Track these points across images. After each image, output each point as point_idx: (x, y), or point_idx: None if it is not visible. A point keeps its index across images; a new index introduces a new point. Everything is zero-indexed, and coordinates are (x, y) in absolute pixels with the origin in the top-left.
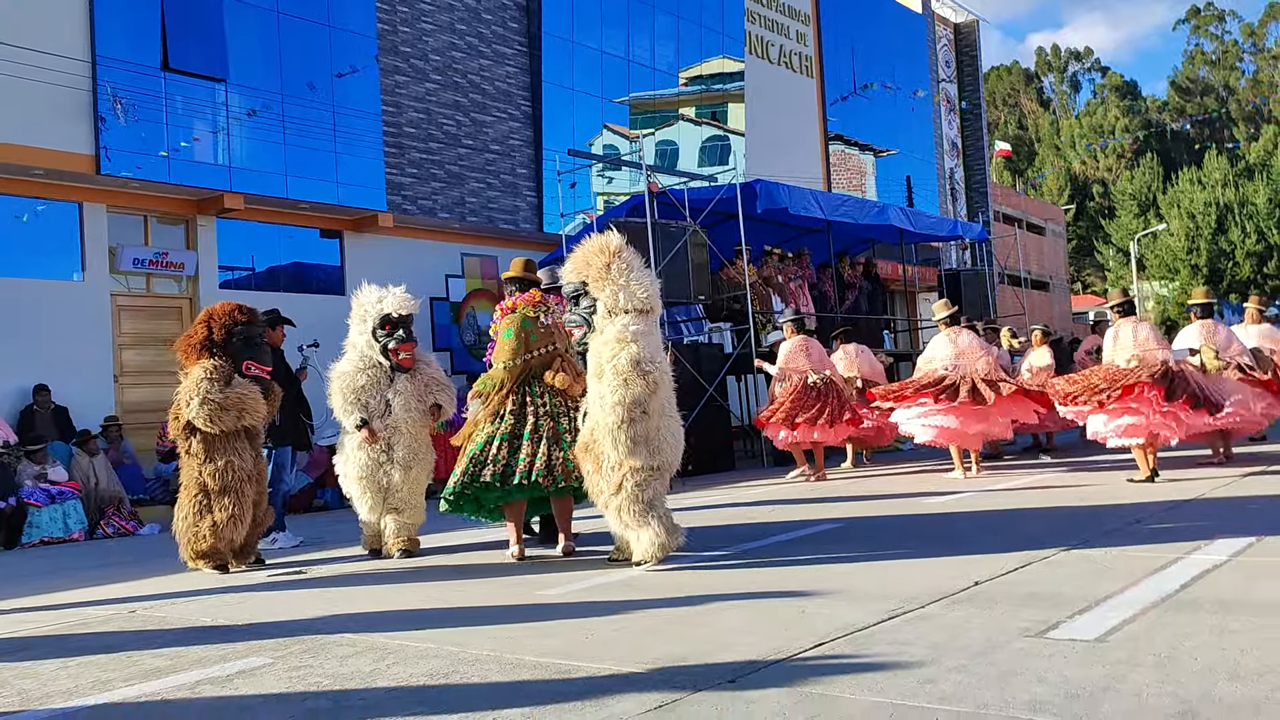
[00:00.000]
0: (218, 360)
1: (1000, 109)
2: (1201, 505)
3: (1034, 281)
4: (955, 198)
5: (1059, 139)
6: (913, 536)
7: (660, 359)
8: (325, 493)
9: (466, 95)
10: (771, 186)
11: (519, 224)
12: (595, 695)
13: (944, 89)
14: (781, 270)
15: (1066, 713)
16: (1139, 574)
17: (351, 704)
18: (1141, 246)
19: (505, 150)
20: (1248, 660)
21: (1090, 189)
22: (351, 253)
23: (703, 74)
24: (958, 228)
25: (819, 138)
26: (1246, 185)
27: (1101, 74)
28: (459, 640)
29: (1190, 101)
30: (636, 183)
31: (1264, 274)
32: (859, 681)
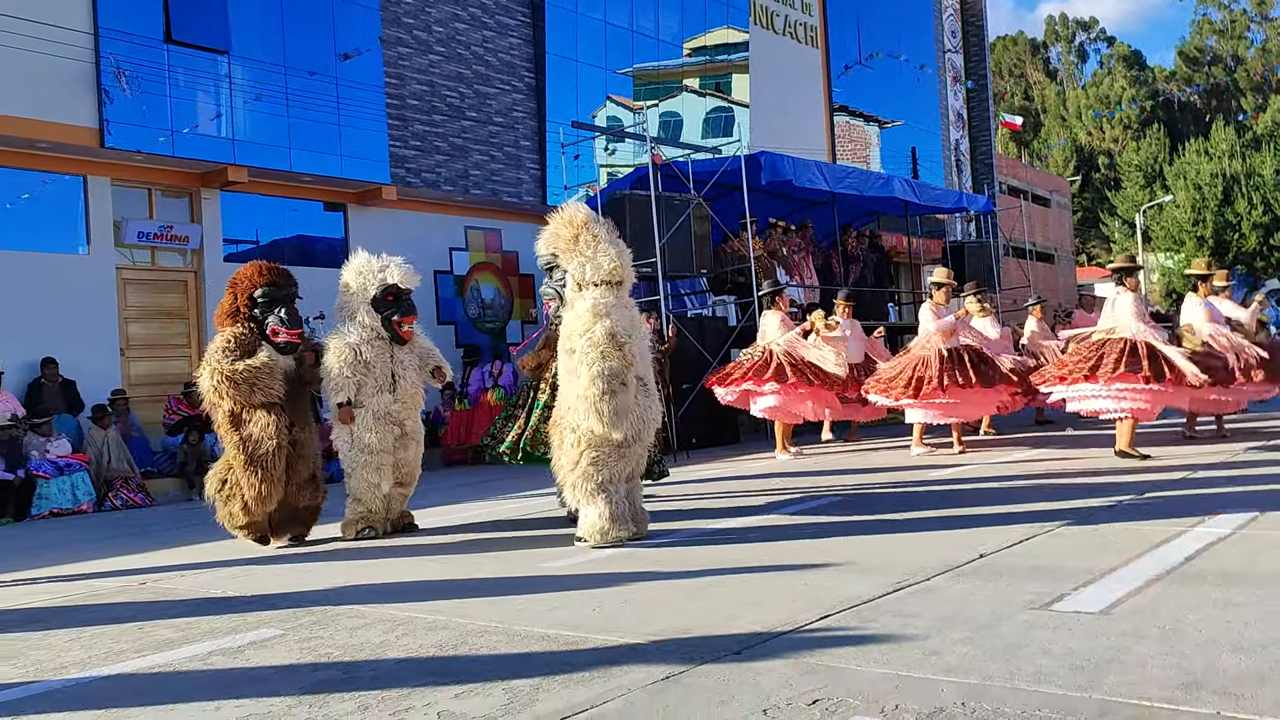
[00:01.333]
0: (241, 328)
1: (1006, 80)
2: (1204, 480)
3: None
4: (960, 169)
5: (1065, 110)
6: (916, 509)
7: (635, 332)
8: (330, 465)
9: (470, 67)
10: (776, 158)
11: (522, 196)
12: (603, 666)
13: (950, 59)
14: (786, 243)
15: (1071, 684)
16: (1143, 547)
17: (361, 675)
18: (1147, 218)
19: (509, 122)
20: (1251, 632)
21: (1096, 160)
22: (355, 225)
23: (707, 44)
24: (963, 200)
25: (824, 109)
26: (1254, 156)
27: (1108, 44)
28: (467, 612)
29: (1198, 71)
30: (640, 155)
31: (1270, 245)
32: (865, 653)
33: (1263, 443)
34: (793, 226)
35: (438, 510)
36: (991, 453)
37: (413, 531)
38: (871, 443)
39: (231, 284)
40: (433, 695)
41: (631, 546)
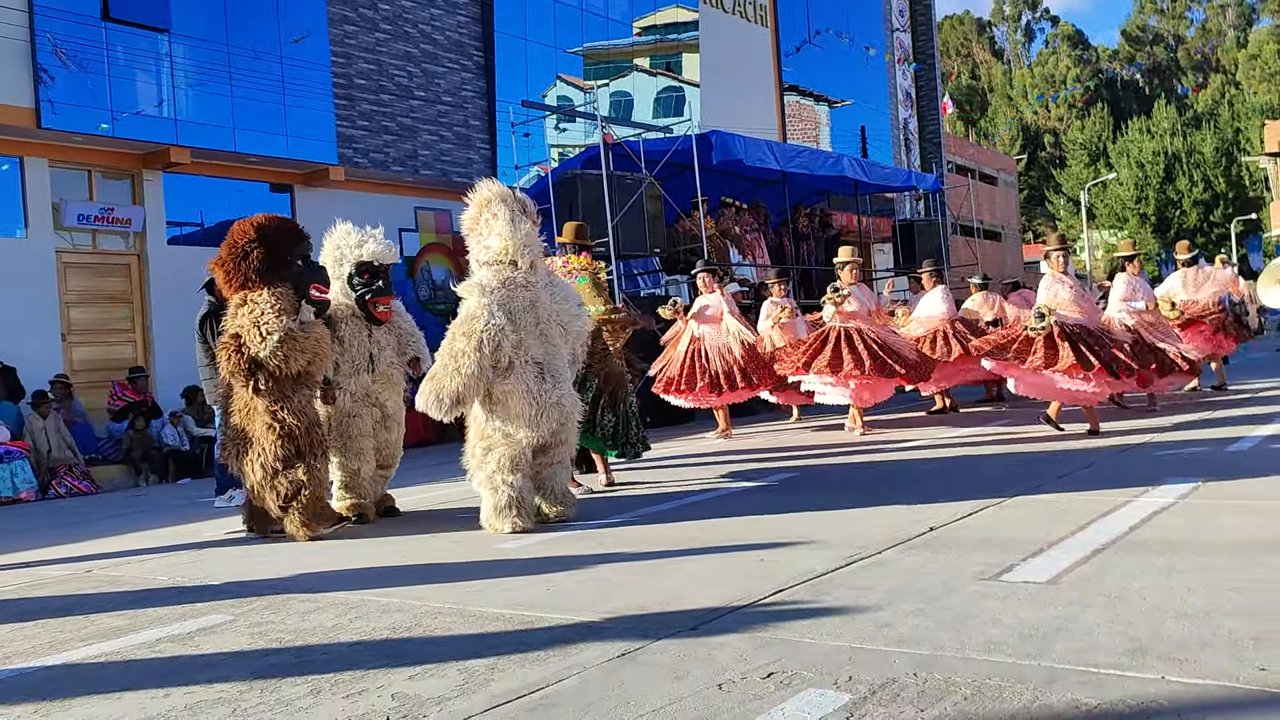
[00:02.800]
0: (281, 288)
1: (954, 59)
2: (1149, 450)
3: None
4: (909, 148)
5: (1011, 89)
6: (868, 485)
7: (528, 314)
8: None
9: (418, 46)
10: (727, 138)
11: (472, 176)
12: (559, 645)
13: (898, 38)
14: (738, 222)
15: (1020, 653)
16: (1089, 517)
17: (314, 658)
18: (1092, 196)
19: (458, 102)
20: (1194, 599)
21: (1042, 139)
22: (303, 207)
23: (657, 23)
24: (912, 178)
25: (774, 88)
26: (1194, 134)
27: (1053, 24)
28: (421, 594)
29: (1140, 50)
30: (591, 134)
31: (1210, 222)
32: (818, 626)
33: (1192, 415)
34: (745, 206)
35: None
36: (942, 429)
37: (394, 515)
38: (822, 420)
39: (261, 236)
40: (387, 677)
41: (583, 528)
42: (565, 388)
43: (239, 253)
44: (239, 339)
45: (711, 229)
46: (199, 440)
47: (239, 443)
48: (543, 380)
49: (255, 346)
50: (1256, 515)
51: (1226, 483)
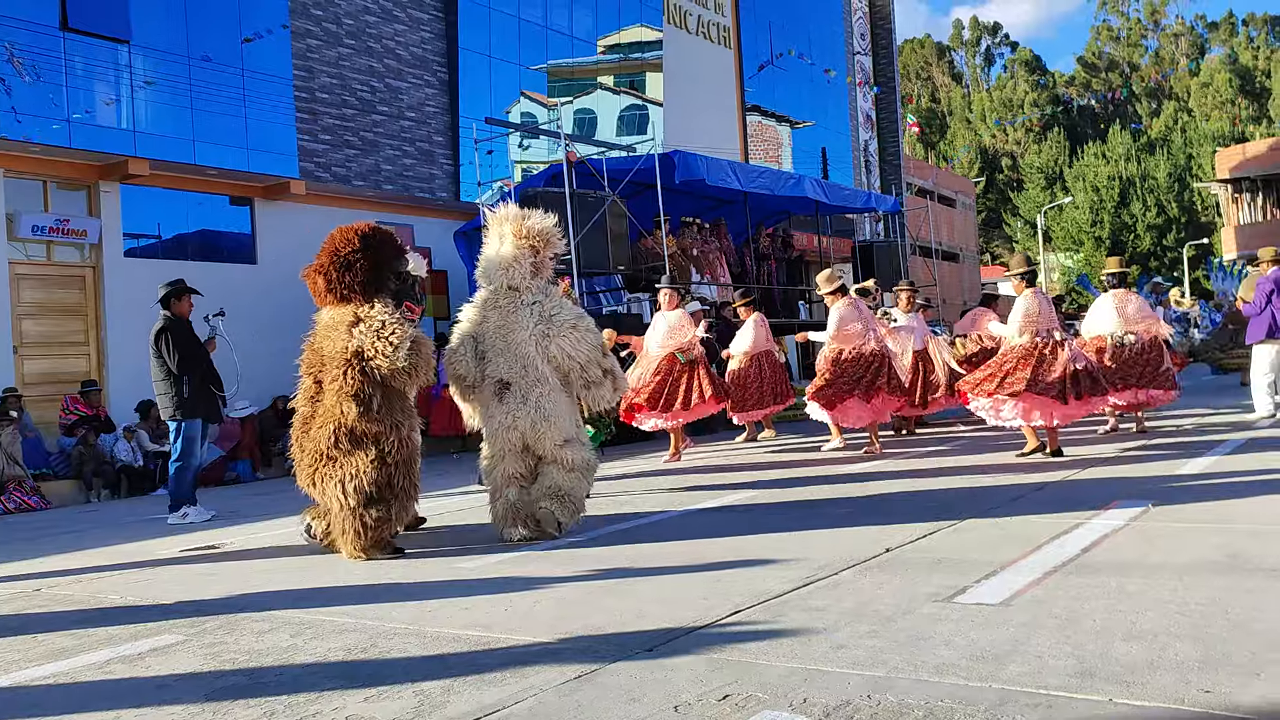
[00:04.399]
0: (386, 301)
1: (914, 82)
2: (1101, 473)
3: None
4: (869, 170)
5: (970, 113)
6: (825, 506)
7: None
8: (238, 465)
9: (381, 61)
10: (689, 157)
11: (435, 192)
12: (515, 666)
13: (859, 61)
14: (699, 241)
15: (972, 675)
16: (1042, 539)
17: (267, 680)
18: (1048, 219)
19: (421, 117)
20: (1143, 621)
21: (1000, 162)
22: (263, 221)
23: (621, 42)
24: (871, 200)
25: (737, 109)
26: (1148, 160)
27: (1012, 49)
28: (378, 614)
29: (1096, 77)
30: (554, 151)
31: (1164, 246)
32: (774, 647)
33: (1143, 441)
34: (706, 225)
35: None
36: (901, 451)
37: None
38: (782, 440)
39: (367, 247)
40: (341, 699)
41: (544, 548)
42: (528, 407)
43: (343, 262)
44: (361, 355)
45: (673, 247)
46: (153, 455)
47: (321, 462)
48: (502, 401)
49: (386, 359)
50: (1205, 538)
51: (1176, 506)
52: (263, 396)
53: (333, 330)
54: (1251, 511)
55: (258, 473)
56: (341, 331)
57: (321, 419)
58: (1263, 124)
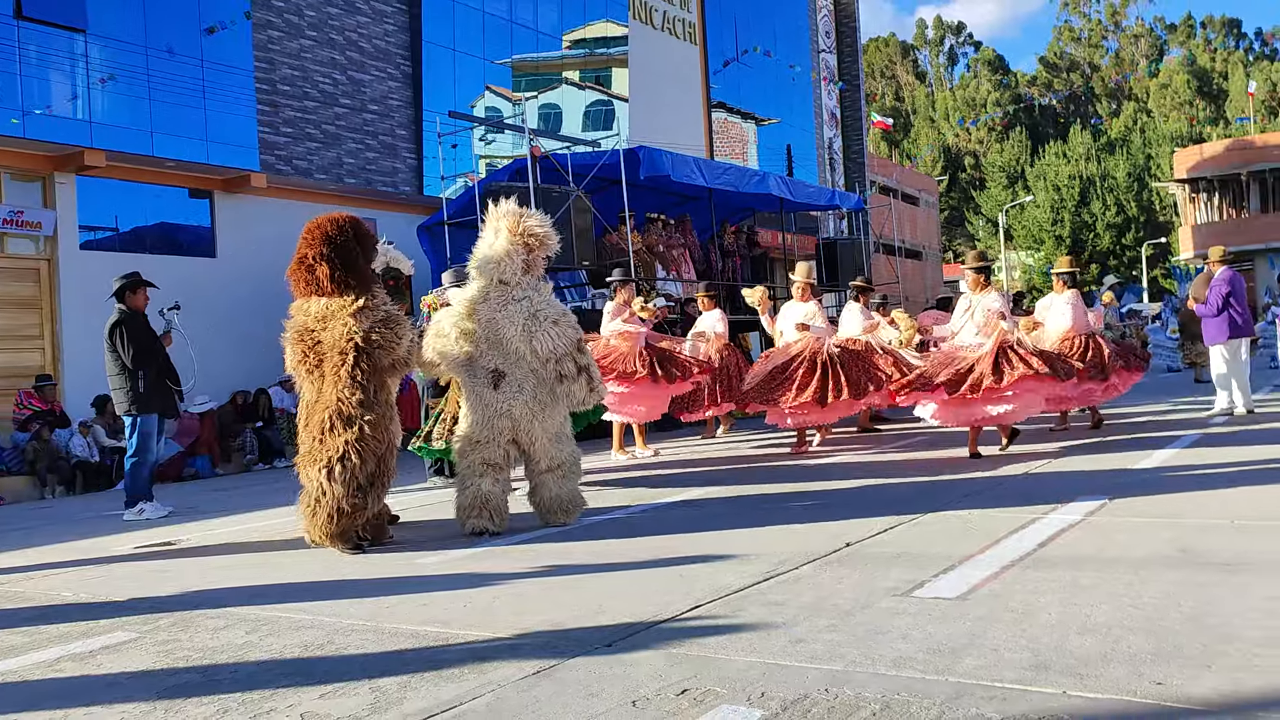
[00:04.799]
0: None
1: (878, 80)
2: (1059, 468)
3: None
4: (834, 167)
5: (934, 111)
6: (786, 501)
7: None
8: (196, 461)
9: (343, 53)
10: (654, 153)
11: (398, 186)
12: (473, 662)
13: (824, 59)
14: (664, 238)
15: (929, 668)
16: (999, 534)
17: (222, 677)
18: (1009, 217)
19: (384, 110)
20: (1097, 614)
21: (963, 161)
22: (222, 214)
23: (586, 37)
24: (835, 197)
25: (702, 105)
26: (1108, 159)
27: (975, 48)
28: (335, 611)
29: (1058, 77)
30: (519, 146)
31: (1122, 245)
32: (733, 642)
33: (1099, 438)
34: (671, 221)
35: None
36: (858, 448)
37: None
38: (741, 436)
39: (361, 238)
40: (296, 696)
41: (505, 543)
42: (524, 397)
43: (343, 252)
44: (368, 342)
45: (638, 244)
46: (109, 451)
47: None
48: (497, 389)
49: (392, 349)
50: (1159, 532)
51: (1132, 500)
52: (222, 391)
53: (330, 320)
54: (1205, 506)
55: (217, 468)
56: (342, 319)
57: (320, 406)
58: (1219, 125)
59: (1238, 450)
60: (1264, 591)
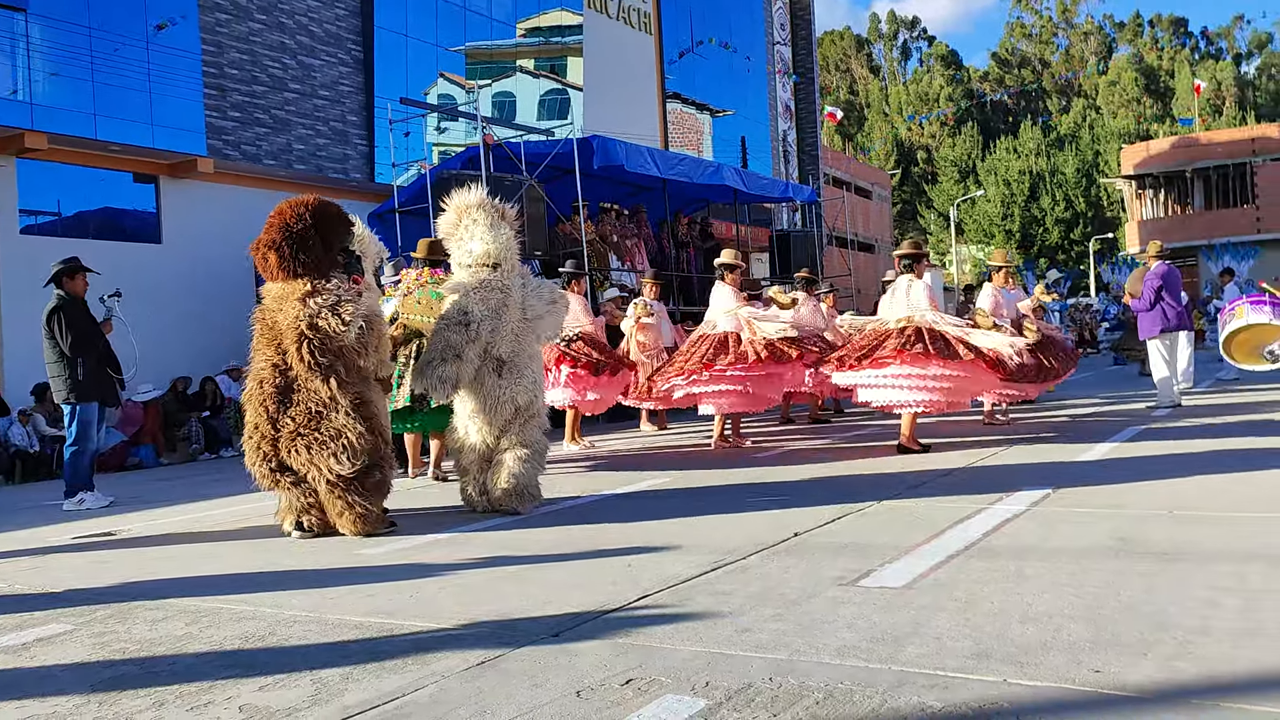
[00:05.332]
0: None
1: (833, 74)
2: (1004, 459)
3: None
4: (788, 160)
5: (887, 105)
6: (735, 491)
7: (499, 314)
8: (140, 450)
9: (293, 37)
10: (609, 143)
11: (349, 173)
12: (418, 653)
13: (779, 51)
14: (618, 228)
15: (873, 657)
16: (945, 523)
17: (160, 670)
18: (961, 211)
19: (335, 96)
20: (1039, 603)
21: (915, 155)
22: (168, 199)
23: (541, 26)
24: (789, 189)
25: (657, 96)
26: (1057, 155)
27: (929, 43)
28: (278, 602)
29: (1009, 73)
30: (472, 134)
31: (1071, 240)
32: (679, 632)
33: (1055, 431)
34: (625, 211)
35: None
36: (809, 438)
37: None
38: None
39: (323, 221)
40: (235, 688)
41: (452, 532)
42: (524, 383)
43: (296, 238)
44: (314, 328)
45: (592, 233)
46: (49, 440)
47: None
48: (499, 376)
49: (337, 335)
50: (1101, 522)
51: (1075, 491)
52: (167, 380)
53: (283, 302)
54: (1145, 498)
55: (161, 458)
56: (293, 303)
57: (302, 392)
58: (1166, 123)
59: (1177, 443)
60: (1200, 581)
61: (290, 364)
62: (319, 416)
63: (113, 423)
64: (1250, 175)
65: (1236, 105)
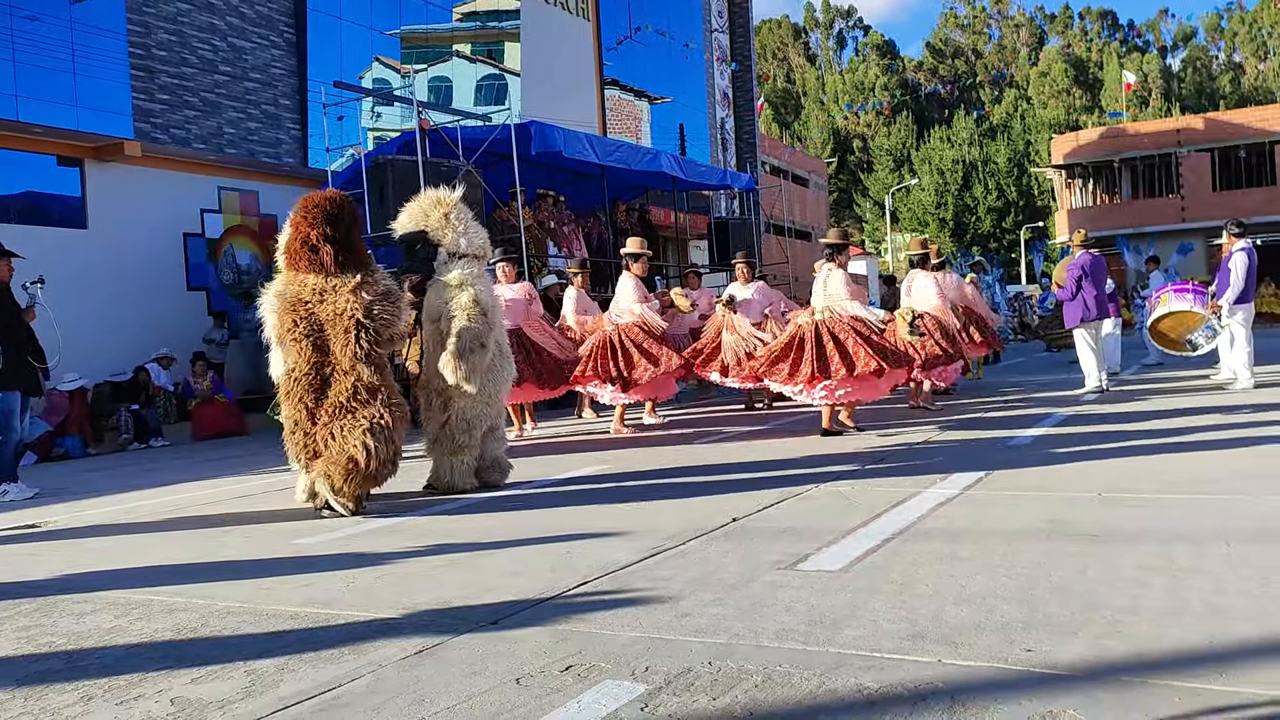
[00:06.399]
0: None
1: (770, 62)
2: (937, 445)
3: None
4: (726, 147)
5: (824, 94)
6: (676, 477)
7: (496, 301)
8: (66, 441)
9: (223, 18)
10: (546, 129)
11: (282, 158)
12: (354, 642)
13: (716, 39)
14: (555, 214)
15: (810, 639)
16: (882, 507)
17: (88, 663)
18: (896, 200)
19: (267, 79)
20: (972, 585)
21: (851, 144)
22: (94, 183)
23: (477, 10)
24: (727, 177)
25: (595, 82)
26: (990, 145)
27: (864, 32)
28: (211, 593)
29: (943, 63)
30: (408, 119)
31: (1002, 228)
32: (619, 618)
33: (990, 412)
34: (562, 198)
35: (188, 486)
36: (749, 425)
37: None
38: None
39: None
40: (167, 681)
41: (390, 522)
42: (511, 365)
43: (344, 229)
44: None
45: (529, 220)
46: None
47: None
48: (501, 358)
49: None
50: (1033, 504)
51: (1007, 475)
52: (94, 367)
53: (329, 295)
54: (1075, 480)
55: (89, 448)
56: (344, 294)
57: (341, 382)
58: (1095, 114)
59: (1106, 427)
60: (1128, 561)
61: (332, 355)
62: (359, 404)
63: (38, 412)
64: (1175, 165)
65: (1162, 97)
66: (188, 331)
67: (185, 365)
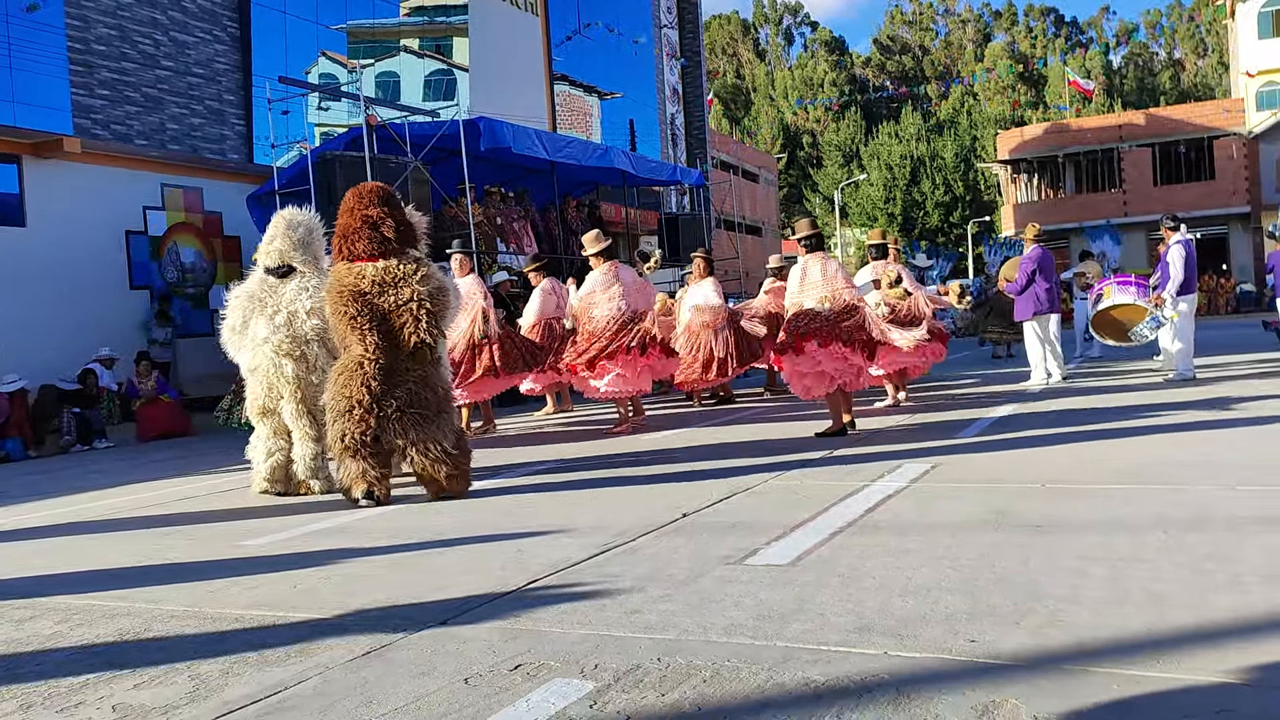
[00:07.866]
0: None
1: (720, 58)
2: (886, 439)
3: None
4: (676, 143)
5: (773, 90)
6: (627, 474)
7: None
8: (7, 444)
9: (165, 13)
10: (495, 124)
11: (226, 154)
12: (301, 644)
13: (666, 35)
14: (504, 211)
15: (758, 634)
16: (829, 501)
17: (26, 669)
18: (845, 195)
19: (210, 74)
20: (918, 577)
21: (801, 139)
22: (33, 180)
23: (425, 5)
24: (677, 173)
25: (544, 77)
26: (937, 140)
27: (812, 29)
28: (154, 597)
29: (890, 59)
30: (355, 115)
31: (950, 223)
32: (568, 615)
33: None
34: (511, 194)
35: (131, 489)
36: (700, 421)
37: None
38: (587, 410)
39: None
40: (108, 686)
41: (338, 523)
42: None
43: (402, 217)
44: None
45: (479, 216)
46: None
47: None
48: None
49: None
50: (978, 496)
51: (953, 467)
52: (34, 368)
53: (389, 284)
54: (1020, 472)
55: (30, 451)
56: (409, 283)
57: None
58: (1039, 109)
59: (1050, 419)
60: (1071, 551)
61: (396, 343)
62: (424, 393)
63: None
64: (1118, 160)
65: (1104, 93)
66: (130, 331)
67: (129, 365)
